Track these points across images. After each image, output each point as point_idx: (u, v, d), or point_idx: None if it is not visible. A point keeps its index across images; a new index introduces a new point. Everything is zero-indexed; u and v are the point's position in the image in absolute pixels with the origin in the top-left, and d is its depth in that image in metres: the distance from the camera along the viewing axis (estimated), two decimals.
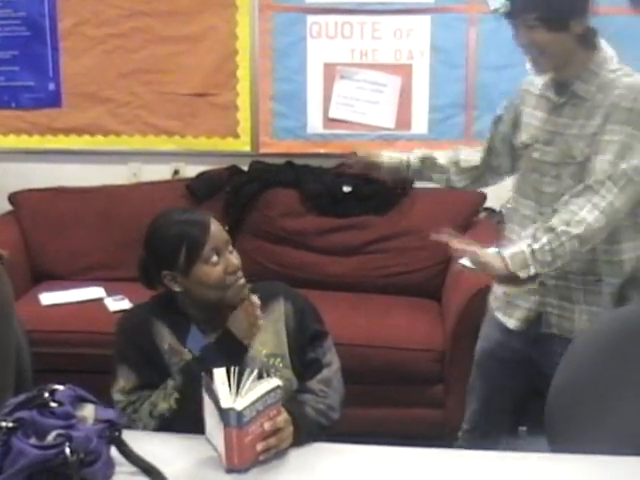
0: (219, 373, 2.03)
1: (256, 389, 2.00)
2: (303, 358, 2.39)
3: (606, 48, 2.62)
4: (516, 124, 2.81)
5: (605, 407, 2.24)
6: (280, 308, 2.41)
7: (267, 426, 2.01)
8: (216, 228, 2.30)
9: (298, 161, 4.45)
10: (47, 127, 4.63)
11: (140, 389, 2.29)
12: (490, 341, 2.91)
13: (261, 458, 2.02)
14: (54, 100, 4.61)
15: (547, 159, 2.64)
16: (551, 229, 2.43)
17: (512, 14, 2.52)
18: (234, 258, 2.31)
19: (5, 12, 4.51)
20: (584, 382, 2.29)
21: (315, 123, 4.48)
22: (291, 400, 2.25)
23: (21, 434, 1.78)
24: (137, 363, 2.31)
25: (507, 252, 2.47)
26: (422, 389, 3.60)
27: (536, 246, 2.43)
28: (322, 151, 4.49)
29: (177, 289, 2.32)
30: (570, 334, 2.63)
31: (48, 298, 4.06)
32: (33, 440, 1.79)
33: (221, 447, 1.99)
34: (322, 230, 4.32)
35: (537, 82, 2.74)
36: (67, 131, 4.63)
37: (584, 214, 2.42)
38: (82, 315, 3.91)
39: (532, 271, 2.44)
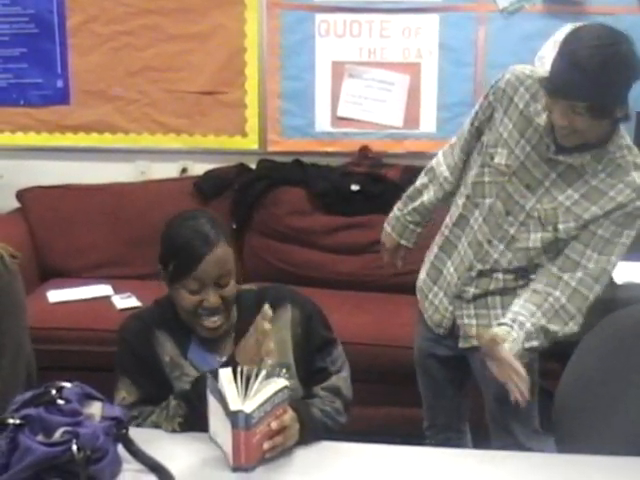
0: (225, 374, 2.03)
1: (264, 390, 2.00)
2: (310, 366, 2.37)
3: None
4: (489, 122, 2.64)
5: (612, 408, 2.24)
6: (287, 315, 2.37)
7: (274, 425, 2.01)
8: (212, 261, 2.21)
9: (306, 159, 4.45)
10: (55, 124, 4.63)
11: (142, 403, 2.28)
12: (425, 339, 2.89)
13: (267, 456, 2.02)
14: (62, 97, 4.61)
15: (522, 203, 2.51)
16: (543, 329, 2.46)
17: (562, 95, 2.27)
18: (214, 297, 2.22)
19: (13, 9, 4.50)
20: (592, 383, 2.28)
21: (323, 121, 4.48)
22: (297, 400, 2.24)
23: (28, 431, 1.79)
24: (138, 376, 2.31)
25: (507, 344, 2.41)
26: None
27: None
28: (330, 150, 4.48)
29: (165, 285, 2.30)
30: None
31: (56, 295, 4.07)
32: (40, 437, 1.79)
33: (227, 446, 1.99)
34: (330, 229, 4.32)
35: (531, 104, 2.49)
36: (75, 129, 4.63)
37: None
38: (89, 313, 3.91)
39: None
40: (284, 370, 2.28)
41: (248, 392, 1.98)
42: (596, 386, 2.28)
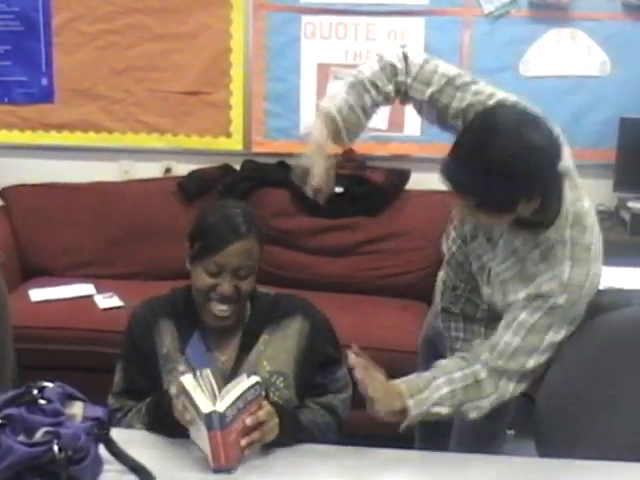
0: (187, 380, 2.02)
1: (235, 389, 2.00)
2: (309, 380, 2.35)
3: (569, 198, 2.19)
4: None
5: (594, 412, 2.25)
6: (296, 326, 2.36)
7: (249, 421, 2.01)
8: (236, 250, 2.21)
9: (290, 161, 4.44)
10: (39, 123, 4.62)
11: (127, 394, 2.32)
12: (432, 329, 2.84)
13: (246, 453, 2.03)
14: (46, 96, 4.59)
15: (481, 253, 2.41)
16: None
17: (447, 183, 2.08)
18: (228, 285, 2.21)
19: None
20: (573, 387, 2.29)
21: (308, 123, 4.47)
22: (286, 407, 2.24)
23: (9, 431, 1.78)
24: (131, 366, 2.34)
25: (411, 400, 2.20)
26: None
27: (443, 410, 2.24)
28: None
29: (187, 264, 2.30)
30: None
31: (38, 294, 4.05)
32: (21, 437, 1.79)
33: (207, 449, 1.99)
34: (313, 230, 4.32)
35: None
36: (59, 127, 4.61)
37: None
38: (72, 312, 3.90)
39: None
40: (280, 379, 2.28)
41: (219, 393, 1.99)
42: (578, 390, 2.29)
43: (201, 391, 1.99)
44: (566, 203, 2.17)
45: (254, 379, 2.04)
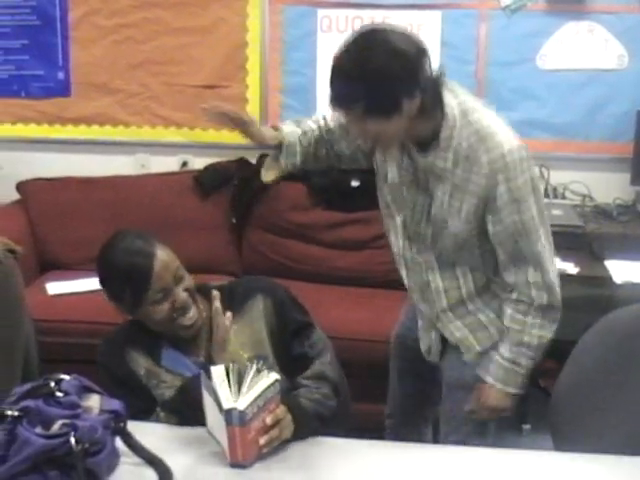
0: (217, 371, 2.03)
1: (256, 386, 2.00)
2: (289, 353, 2.36)
3: (451, 99, 2.28)
4: None
5: (610, 407, 2.24)
6: (258, 306, 2.38)
7: (269, 420, 2.01)
8: (161, 266, 2.24)
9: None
10: (56, 116, 4.64)
11: (131, 418, 2.31)
12: (404, 328, 2.86)
13: (264, 451, 2.03)
14: (63, 90, 4.61)
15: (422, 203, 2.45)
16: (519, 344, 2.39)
17: (335, 105, 2.22)
18: (180, 294, 2.26)
19: (16, 1, 4.51)
20: (589, 382, 2.29)
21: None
22: (284, 393, 2.24)
23: (27, 423, 1.79)
24: (121, 395, 2.31)
25: (499, 383, 2.42)
26: None
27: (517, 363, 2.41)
28: None
29: (130, 318, 2.34)
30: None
31: (54, 288, 4.07)
32: (38, 429, 1.80)
33: (224, 442, 2.00)
34: (329, 224, 4.32)
35: None
36: (76, 121, 4.63)
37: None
38: (88, 305, 3.90)
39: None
40: (261, 362, 2.28)
41: (241, 389, 1.99)
42: (594, 385, 2.29)
43: (227, 384, 2.00)
44: (448, 105, 2.26)
45: (274, 376, 2.04)
